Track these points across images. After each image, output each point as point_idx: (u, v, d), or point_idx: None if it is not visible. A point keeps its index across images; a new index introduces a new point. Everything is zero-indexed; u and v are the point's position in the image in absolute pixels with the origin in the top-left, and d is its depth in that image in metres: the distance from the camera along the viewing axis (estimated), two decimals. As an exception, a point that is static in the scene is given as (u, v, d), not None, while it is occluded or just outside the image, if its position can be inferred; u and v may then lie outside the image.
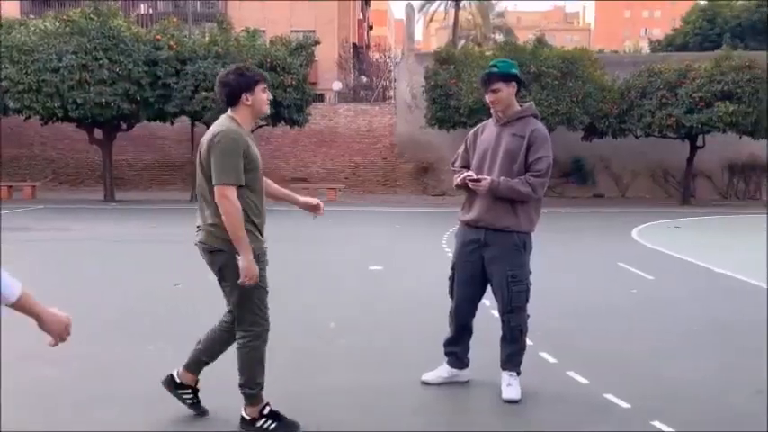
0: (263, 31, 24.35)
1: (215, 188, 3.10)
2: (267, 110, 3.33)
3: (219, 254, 3.17)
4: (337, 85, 27.90)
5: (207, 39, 17.98)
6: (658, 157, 21.81)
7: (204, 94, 16.84)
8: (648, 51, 36.56)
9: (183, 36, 18.04)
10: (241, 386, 3.29)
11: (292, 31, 26.60)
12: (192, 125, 19.16)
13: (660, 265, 8.85)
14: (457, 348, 4.08)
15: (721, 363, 4.60)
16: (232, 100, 3.24)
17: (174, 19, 19.04)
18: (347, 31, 33.79)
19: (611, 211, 17.77)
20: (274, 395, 3.38)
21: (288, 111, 18.01)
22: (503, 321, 3.90)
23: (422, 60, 22.20)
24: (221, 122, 3.23)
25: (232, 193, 3.08)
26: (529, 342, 4.07)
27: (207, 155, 3.17)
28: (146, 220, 14.07)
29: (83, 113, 16.90)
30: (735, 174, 22.59)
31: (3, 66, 16.49)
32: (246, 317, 3.26)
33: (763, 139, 19.54)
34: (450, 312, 4.08)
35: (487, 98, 3.85)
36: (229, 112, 3.26)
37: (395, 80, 25.14)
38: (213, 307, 3.81)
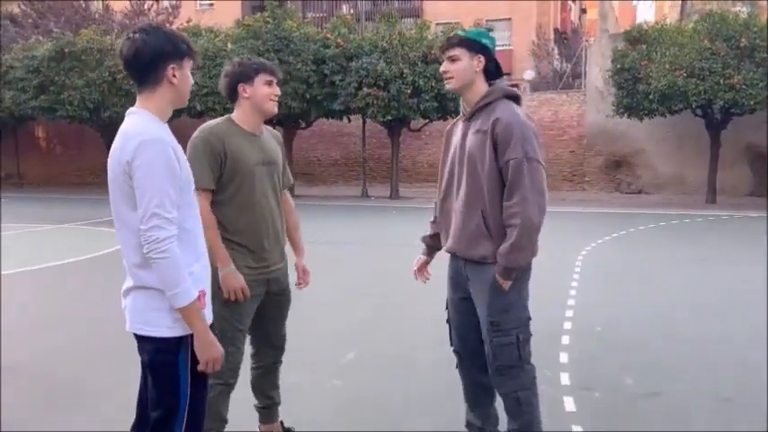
0: (457, 23, 23.71)
1: None
2: (271, 107, 2.89)
3: None
4: (529, 74, 26.37)
5: (371, 34, 17.78)
6: None
7: (366, 90, 16.70)
8: None
9: (350, 33, 18.04)
10: None
11: (487, 21, 25.71)
12: (364, 122, 19.17)
13: None
14: (475, 419, 3.00)
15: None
16: (230, 93, 2.90)
17: (348, 16, 19.16)
18: (547, 17, 31.71)
19: None
20: None
21: (454, 104, 17.19)
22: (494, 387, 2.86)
23: (615, 41, 19.78)
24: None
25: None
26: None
27: None
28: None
29: (256, 113, 17.67)
30: None
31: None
32: None
33: None
34: (457, 367, 3.06)
35: (441, 68, 2.90)
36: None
37: (584, 64, 22.82)
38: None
